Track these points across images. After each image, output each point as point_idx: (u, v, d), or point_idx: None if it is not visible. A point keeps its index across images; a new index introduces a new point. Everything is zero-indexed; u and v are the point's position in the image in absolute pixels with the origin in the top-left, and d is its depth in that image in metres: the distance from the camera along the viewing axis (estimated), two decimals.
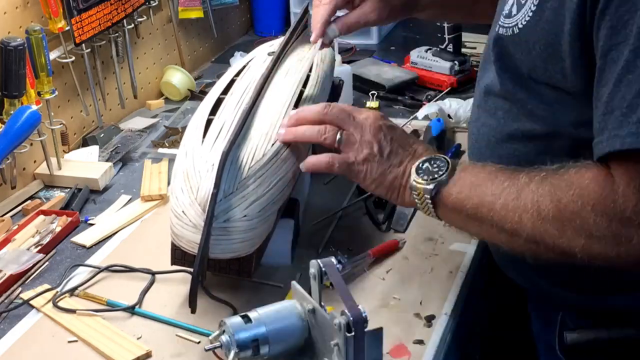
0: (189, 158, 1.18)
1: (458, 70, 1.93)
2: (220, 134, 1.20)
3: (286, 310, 0.99)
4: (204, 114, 1.27)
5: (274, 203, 1.17)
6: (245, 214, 1.13)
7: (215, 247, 1.12)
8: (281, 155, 1.19)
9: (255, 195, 1.14)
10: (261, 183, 1.15)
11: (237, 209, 1.12)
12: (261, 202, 1.14)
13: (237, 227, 1.13)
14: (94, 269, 1.30)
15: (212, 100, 1.31)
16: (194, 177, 1.15)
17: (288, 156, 1.20)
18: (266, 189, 1.15)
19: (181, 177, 1.17)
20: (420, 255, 1.31)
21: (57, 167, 1.60)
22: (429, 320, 1.16)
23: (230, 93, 1.31)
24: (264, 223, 1.16)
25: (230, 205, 1.12)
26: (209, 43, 2.24)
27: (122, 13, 1.76)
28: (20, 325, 1.19)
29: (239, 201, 1.13)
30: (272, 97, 1.29)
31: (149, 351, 1.11)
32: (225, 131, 1.20)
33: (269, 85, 1.31)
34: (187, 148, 1.21)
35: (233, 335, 0.95)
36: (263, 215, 1.15)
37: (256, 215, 1.14)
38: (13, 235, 1.40)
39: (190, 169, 1.16)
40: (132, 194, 1.55)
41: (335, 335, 0.91)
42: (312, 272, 0.96)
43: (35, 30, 1.48)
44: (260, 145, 1.18)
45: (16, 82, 1.44)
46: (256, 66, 1.40)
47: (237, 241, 1.13)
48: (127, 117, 1.89)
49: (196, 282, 1.11)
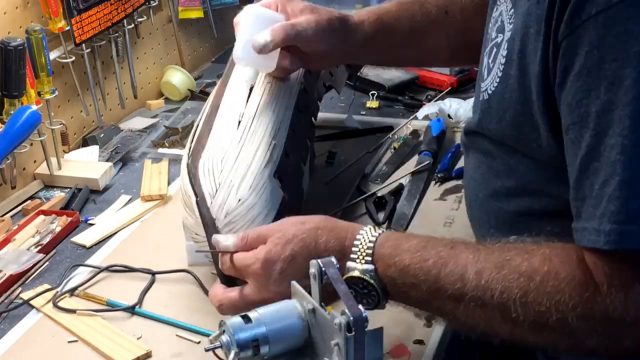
0: (182, 183, 1.20)
1: (458, 70, 1.92)
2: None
3: (286, 310, 0.99)
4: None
5: (262, 172, 1.16)
6: (238, 198, 1.13)
7: None
8: (249, 131, 1.19)
9: (239, 177, 1.14)
10: (239, 165, 1.16)
11: (230, 199, 1.13)
12: (247, 179, 1.15)
13: (239, 214, 1.13)
14: (94, 269, 1.30)
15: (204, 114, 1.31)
16: (187, 200, 1.16)
17: (257, 127, 1.20)
18: (247, 166, 1.16)
19: (182, 205, 1.18)
20: None
21: (57, 167, 1.60)
22: (429, 320, 1.16)
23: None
24: (262, 194, 1.15)
25: (221, 200, 1.13)
26: (209, 43, 2.24)
27: (122, 13, 1.76)
28: (20, 325, 1.19)
29: (226, 192, 1.13)
30: (229, 100, 1.29)
31: (149, 351, 1.11)
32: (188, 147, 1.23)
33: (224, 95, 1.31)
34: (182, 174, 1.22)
35: (233, 335, 0.95)
36: (256, 189, 1.15)
37: (249, 194, 1.14)
38: (13, 235, 1.40)
39: (183, 194, 1.18)
40: (132, 194, 1.55)
41: (336, 335, 0.91)
42: (312, 272, 0.96)
43: (35, 30, 1.48)
44: (225, 134, 1.19)
45: (16, 82, 1.44)
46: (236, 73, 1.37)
47: (247, 225, 1.13)
48: (127, 117, 1.89)
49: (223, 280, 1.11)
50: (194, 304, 1.20)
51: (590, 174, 0.85)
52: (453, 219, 1.40)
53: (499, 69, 0.99)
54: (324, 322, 0.94)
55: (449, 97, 1.81)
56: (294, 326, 0.98)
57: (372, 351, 0.91)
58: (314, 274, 0.96)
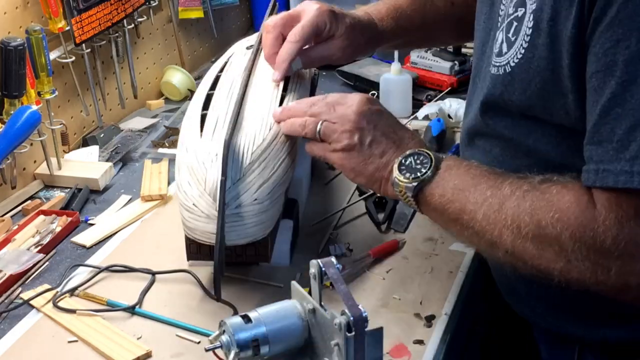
0: (190, 152, 1.20)
1: (458, 70, 1.93)
2: (217, 126, 1.22)
3: (286, 310, 0.99)
4: (197, 110, 1.30)
5: (281, 184, 1.19)
6: (255, 197, 1.14)
7: (231, 233, 1.14)
8: (280, 138, 1.22)
9: (262, 178, 1.16)
10: (266, 166, 1.17)
11: (246, 194, 1.14)
12: (269, 184, 1.16)
13: (250, 212, 1.14)
14: (94, 269, 1.30)
15: (202, 97, 1.34)
16: (199, 170, 1.16)
17: (287, 138, 1.22)
18: (271, 171, 1.17)
19: (186, 171, 1.18)
20: (420, 255, 1.31)
21: (57, 167, 1.60)
22: (429, 320, 1.16)
23: (218, 88, 1.34)
24: (275, 205, 1.18)
25: (239, 191, 1.14)
26: (209, 43, 2.24)
27: (122, 13, 1.76)
28: (20, 325, 1.19)
29: (247, 186, 1.15)
30: (260, 85, 1.32)
31: (149, 351, 1.11)
32: (222, 122, 1.23)
33: (254, 75, 1.35)
34: (186, 144, 1.22)
35: (233, 335, 0.95)
36: (272, 197, 1.17)
37: (266, 198, 1.16)
38: (13, 235, 1.40)
39: (194, 162, 1.17)
40: (132, 194, 1.55)
41: (336, 335, 0.91)
42: (312, 272, 0.96)
43: (36, 30, 1.48)
44: (259, 130, 1.21)
45: (16, 82, 1.44)
46: (238, 60, 1.43)
47: (251, 225, 1.15)
48: (127, 117, 1.90)
49: (219, 270, 1.12)
50: (194, 304, 1.21)
51: (611, 119, 0.90)
52: None
53: (523, 40, 1.02)
54: (324, 322, 0.94)
55: (449, 97, 1.81)
56: (294, 326, 0.98)
57: (372, 351, 0.91)
58: (314, 274, 0.96)
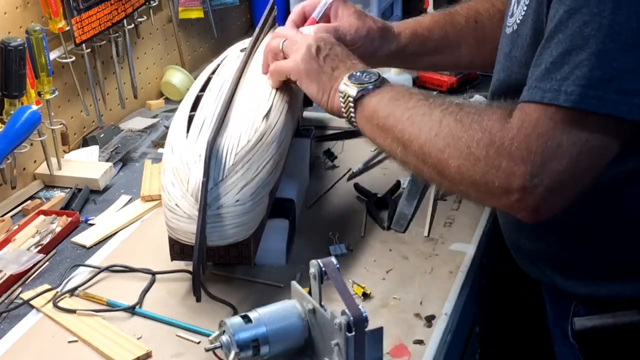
0: (175, 153, 1.21)
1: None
2: (203, 127, 1.23)
3: (286, 310, 0.99)
4: (185, 111, 1.31)
5: (265, 186, 1.19)
6: (237, 198, 1.15)
7: (212, 234, 1.14)
8: (266, 140, 1.22)
9: (245, 180, 1.16)
10: (249, 168, 1.17)
11: (228, 195, 1.14)
12: (251, 186, 1.17)
13: (231, 213, 1.14)
14: (94, 269, 1.30)
15: (192, 98, 1.35)
16: (182, 170, 1.17)
17: (272, 140, 1.23)
18: (255, 172, 1.18)
19: (170, 171, 1.19)
20: (420, 255, 1.31)
21: (57, 167, 1.60)
22: (429, 320, 1.16)
23: (208, 89, 1.35)
24: (257, 206, 1.18)
25: (221, 192, 1.14)
26: (209, 43, 2.24)
27: (122, 13, 1.76)
28: (20, 326, 1.19)
29: (229, 187, 1.15)
30: (250, 88, 1.33)
31: (149, 351, 1.11)
32: (208, 123, 1.23)
33: (244, 78, 1.36)
34: (172, 144, 1.23)
35: (233, 335, 0.95)
36: (255, 199, 1.17)
37: (249, 199, 1.16)
38: (13, 235, 1.40)
39: (178, 162, 1.18)
40: (132, 194, 1.55)
41: (336, 335, 0.91)
42: (312, 272, 0.96)
43: (36, 30, 1.48)
44: (244, 132, 1.21)
45: (16, 82, 1.44)
46: (230, 63, 1.44)
47: (233, 226, 1.15)
48: (127, 117, 1.90)
49: (198, 270, 1.12)
50: (194, 304, 1.20)
51: (552, 44, 0.95)
52: (453, 219, 1.40)
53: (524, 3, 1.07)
54: (324, 322, 0.95)
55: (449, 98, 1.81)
56: (294, 326, 0.98)
57: (372, 351, 0.92)
58: (314, 274, 0.96)
